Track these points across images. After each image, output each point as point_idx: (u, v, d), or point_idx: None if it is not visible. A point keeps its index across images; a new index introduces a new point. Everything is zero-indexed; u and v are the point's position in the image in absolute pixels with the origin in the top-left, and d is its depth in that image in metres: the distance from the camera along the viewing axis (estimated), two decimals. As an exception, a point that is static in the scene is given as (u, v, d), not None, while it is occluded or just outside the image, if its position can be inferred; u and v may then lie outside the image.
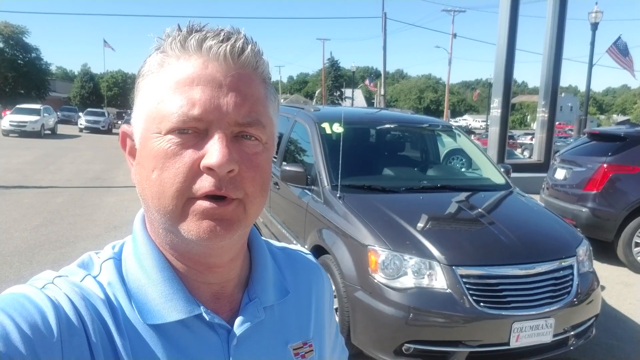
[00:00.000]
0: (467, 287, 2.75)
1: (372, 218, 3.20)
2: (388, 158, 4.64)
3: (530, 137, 24.80)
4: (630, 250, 5.59)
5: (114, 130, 31.97)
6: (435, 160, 5.25)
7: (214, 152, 0.52)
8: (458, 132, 5.01)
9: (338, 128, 4.09)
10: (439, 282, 2.79)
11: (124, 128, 0.62)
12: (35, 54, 44.12)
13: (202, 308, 0.60)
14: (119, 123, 34.81)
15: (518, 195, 3.99)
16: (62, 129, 28.66)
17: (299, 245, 0.89)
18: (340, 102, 63.27)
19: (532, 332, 2.74)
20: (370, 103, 60.46)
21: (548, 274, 2.92)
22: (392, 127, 4.87)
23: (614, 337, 3.90)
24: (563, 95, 74.45)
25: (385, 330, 2.78)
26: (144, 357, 0.56)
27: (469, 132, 31.47)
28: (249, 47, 0.57)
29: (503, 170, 4.42)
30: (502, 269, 2.86)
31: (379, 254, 2.90)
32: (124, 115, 36.74)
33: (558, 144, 16.63)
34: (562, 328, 2.89)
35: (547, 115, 11.53)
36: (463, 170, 5.63)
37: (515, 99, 75.08)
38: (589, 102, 18.92)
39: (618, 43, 16.45)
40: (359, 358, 2.95)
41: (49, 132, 25.68)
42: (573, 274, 3.03)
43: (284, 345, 0.68)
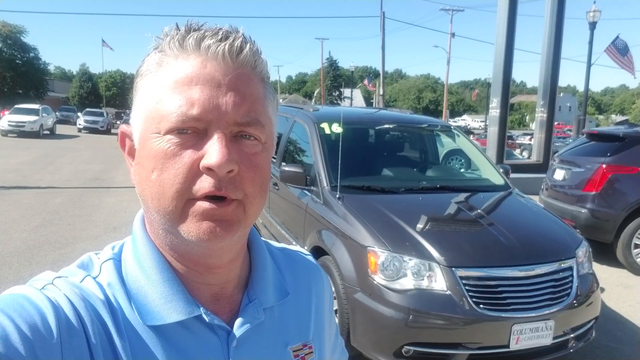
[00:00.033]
0: (466, 288, 2.75)
1: (371, 219, 3.20)
2: (387, 158, 4.64)
3: (529, 137, 24.87)
4: (630, 252, 5.59)
5: (113, 130, 31.96)
6: (435, 161, 5.26)
7: (214, 152, 0.52)
8: (457, 132, 5.01)
9: (337, 128, 4.08)
10: (439, 283, 2.78)
11: (123, 128, 0.62)
12: (34, 54, 44.05)
13: (201, 309, 0.59)
14: (118, 123, 34.79)
15: (517, 196, 3.99)
16: (60, 129, 28.65)
17: (299, 246, 0.89)
18: (339, 102, 63.25)
19: (532, 334, 2.74)
20: (369, 103, 60.50)
21: (547, 276, 2.92)
22: (391, 127, 4.88)
23: (614, 339, 3.90)
24: (562, 95, 74.51)
25: (385, 332, 2.77)
26: (144, 358, 0.55)
27: (468, 132, 31.45)
28: (248, 46, 0.57)
29: (502, 171, 4.42)
30: (501, 271, 2.85)
31: (379, 255, 2.89)
32: (123, 115, 36.71)
33: (557, 144, 16.65)
34: (562, 330, 2.88)
35: (545, 116, 11.54)
36: (462, 171, 5.63)
37: (514, 99, 75.20)
38: (588, 102, 18.92)
39: (616, 42, 16.47)
40: None
41: (48, 132, 25.68)
42: (573, 276, 3.03)
43: (284, 347, 0.68)
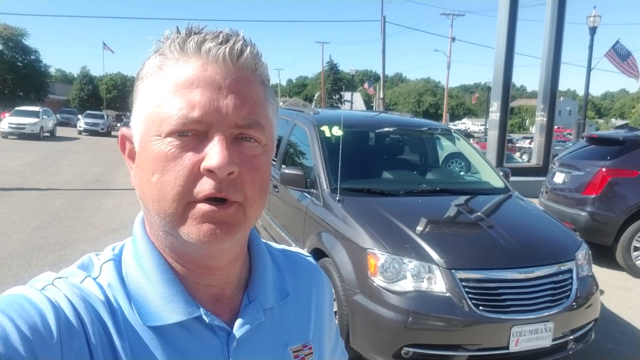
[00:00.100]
0: (466, 290, 2.75)
1: (371, 221, 3.20)
2: (387, 161, 4.64)
3: (529, 140, 24.88)
4: (629, 255, 5.59)
5: (113, 133, 31.98)
6: (435, 164, 5.26)
7: (214, 154, 0.52)
8: (457, 135, 5.01)
9: (337, 131, 4.09)
10: (438, 285, 2.78)
11: (123, 131, 0.62)
12: (35, 56, 44.05)
13: (201, 310, 0.60)
14: (118, 125, 34.83)
15: (517, 199, 3.99)
16: (61, 132, 28.66)
17: (299, 248, 0.89)
18: (340, 105, 63.36)
19: (531, 336, 2.74)
20: (370, 106, 60.53)
21: (547, 278, 2.92)
22: (391, 130, 4.88)
23: (613, 341, 3.89)
24: (562, 99, 74.57)
25: (385, 334, 2.77)
26: (144, 359, 0.55)
27: (468, 135, 31.51)
28: (248, 49, 0.57)
29: (502, 174, 4.42)
30: (501, 273, 2.85)
31: (378, 258, 2.89)
32: (123, 118, 36.72)
33: (557, 148, 16.66)
34: (561, 332, 2.88)
35: (545, 119, 11.54)
36: (462, 174, 5.63)
37: (514, 103, 75.28)
38: (588, 106, 18.93)
39: (616, 47, 16.48)
40: (358, 362, 2.94)
41: (48, 134, 25.68)
42: (572, 278, 3.03)
43: (284, 348, 0.68)
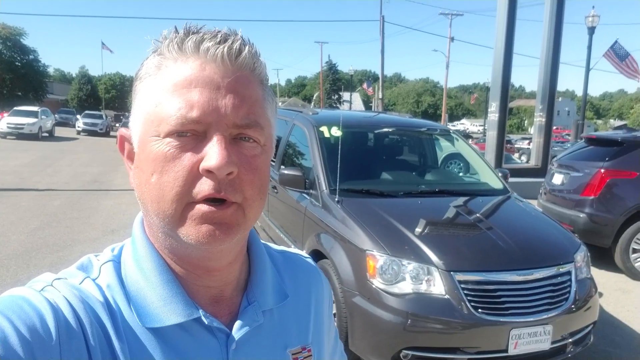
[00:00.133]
0: (465, 292, 2.75)
1: (370, 223, 3.20)
2: (386, 162, 4.64)
3: (528, 141, 24.89)
4: (628, 257, 5.59)
5: (112, 133, 31.96)
6: (433, 165, 5.26)
7: (213, 154, 0.52)
8: (456, 136, 5.01)
9: (336, 132, 4.09)
10: (437, 287, 2.78)
11: (122, 132, 0.62)
12: (33, 56, 44.03)
13: (201, 311, 0.59)
14: (117, 126, 34.80)
15: (516, 200, 3.99)
16: (59, 132, 28.64)
17: (298, 249, 0.89)
18: (339, 105, 63.39)
19: (530, 339, 2.73)
20: (368, 106, 60.54)
21: (546, 280, 2.92)
22: (390, 131, 4.88)
23: (612, 344, 3.89)
24: (560, 100, 74.62)
25: (383, 336, 2.77)
26: None
27: (467, 136, 31.51)
28: (247, 48, 0.57)
29: (501, 175, 4.42)
30: (500, 275, 2.85)
31: (377, 259, 2.89)
32: (122, 118, 36.69)
33: (555, 149, 16.67)
34: (560, 335, 2.88)
35: (544, 120, 11.55)
36: (461, 175, 5.63)
37: (513, 103, 75.29)
38: (586, 106, 18.96)
39: (615, 47, 16.51)
40: (357, 363, 2.94)
41: (47, 134, 25.68)
42: (571, 280, 3.03)
43: (283, 350, 0.68)
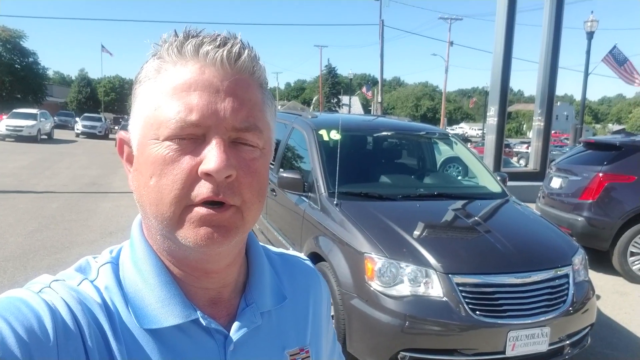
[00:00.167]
0: (463, 295, 2.75)
1: (368, 225, 3.20)
2: (385, 165, 4.65)
3: (526, 145, 24.91)
4: (626, 260, 5.60)
5: (111, 136, 31.91)
6: (432, 168, 5.26)
7: (212, 157, 0.52)
8: (455, 140, 5.02)
9: (335, 135, 4.09)
10: (435, 290, 2.78)
11: (121, 135, 0.62)
12: (33, 59, 44.06)
13: (198, 313, 0.59)
14: (116, 128, 34.77)
15: (514, 204, 4.00)
16: (58, 134, 28.60)
17: (297, 252, 0.89)
18: (338, 109, 63.45)
19: (527, 340, 2.74)
20: (367, 110, 60.64)
21: (544, 283, 2.92)
22: (389, 134, 4.88)
23: (609, 346, 3.90)
24: (559, 104, 74.73)
25: (381, 339, 2.77)
26: None
27: (466, 140, 31.55)
28: (246, 52, 0.57)
29: (499, 179, 4.43)
30: (498, 278, 2.86)
31: (376, 262, 2.89)
32: (121, 121, 36.66)
33: (554, 153, 16.70)
34: (557, 337, 2.89)
35: (543, 124, 11.58)
36: (459, 178, 5.64)
37: (512, 108, 75.35)
38: (585, 111, 19.01)
39: (614, 52, 16.55)
40: (355, 366, 2.93)
41: (46, 136, 25.63)
42: (569, 283, 3.04)
43: (281, 351, 0.68)
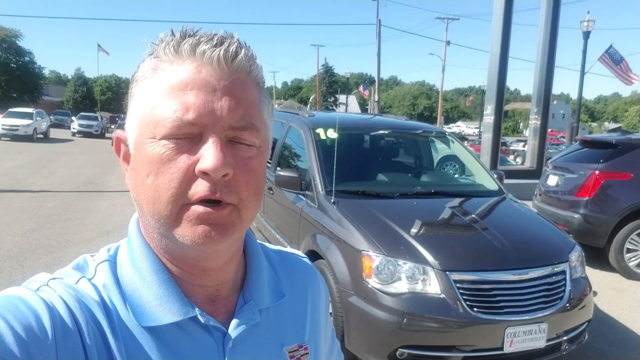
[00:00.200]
0: (460, 292, 2.76)
1: (366, 223, 3.21)
2: (382, 164, 4.65)
3: (523, 144, 24.94)
4: (622, 256, 5.63)
5: (107, 135, 31.86)
6: (429, 166, 5.27)
7: (209, 156, 0.52)
8: (451, 138, 5.03)
9: (333, 134, 4.09)
10: (433, 287, 2.79)
11: (118, 133, 0.62)
12: (29, 58, 43.89)
13: (197, 310, 0.59)
14: (112, 127, 34.71)
15: (511, 201, 4.01)
16: (54, 133, 28.50)
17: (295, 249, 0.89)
18: (335, 108, 63.48)
19: (525, 337, 2.75)
20: (364, 109, 60.65)
21: (541, 280, 2.94)
22: (386, 133, 4.89)
23: (606, 342, 3.92)
24: (555, 103, 75.00)
25: (379, 335, 2.77)
26: (139, 359, 0.55)
27: (462, 138, 31.62)
28: (243, 51, 0.57)
29: (496, 177, 4.44)
30: (495, 274, 2.87)
31: (373, 259, 2.90)
32: (117, 120, 36.61)
33: (550, 151, 16.75)
34: (555, 333, 2.90)
35: (539, 123, 11.61)
36: (456, 177, 5.65)
37: (508, 106, 75.57)
38: (581, 109, 19.08)
39: (610, 51, 16.61)
40: (353, 363, 2.94)
41: (42, 136, 25.54)
42: (566, 280, 3.05)
43: (280, 348, 0.68)
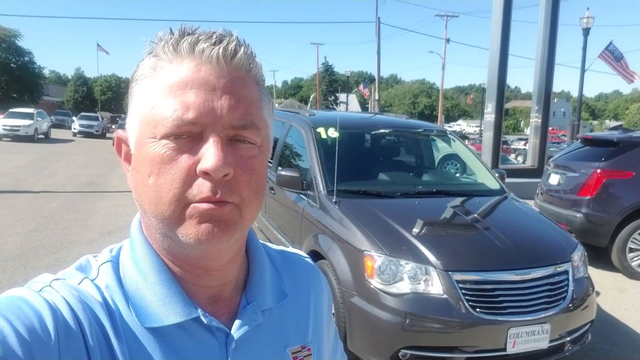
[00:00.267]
0: (463, 292, 2.75)
1: (368, 223, 3.20)
2: (383, 163, 4.65)
3: (524, 142, 24.94)
4: (625, 256, 5.61)
5: (108, 135, 31.89)
6: (430, 165, 5.26)
7: (209, 156, 0.52)
8: (452, 137, 5.02)
9: (333, 133, 4.09)
10: (435, 287, 2.79)
11: (119, 133, 0.62)
12: (29, 58, 43.97)
13: (199, 311, 0.59)
14: (113, 127, 34.75)
15: (513, 201, 4.01)
16: (55, 133, 28.54)
17: (297, 249, 0.89)
18: (335, 106, 63.49)
19: (528, 337, 2.74)
20: (365, 108, 60.66)
21: (543, 280, 2.93)
22: (387, 132, 4.88)
23: (609, 342, 3.91)
24: (556, 101, 74.89)
25: (382, 336, 2.77)
26: None
27: (463, 137, 31.58)
28: (242, 49, 0.57)
29: (497, 176, 4.43)
30: (497, 275, 2.86)
31: (375, 260, 2.89)
32: (118, 120, 36.66)
33: (551, 149, 16.74)
34: (558, 334, 2.89)
35: (540, 121, 11.60)
36: (458, 176, 5.65)
37: (509, 104, 75.50)
38: (582, 107, 19.07)
39: (610, 48, 16.59)
40: (355, 363, 2.94)
41: (43, 136, 25.58)
42: (568, 280, 3.04)
43: (283, 349, 0.68)
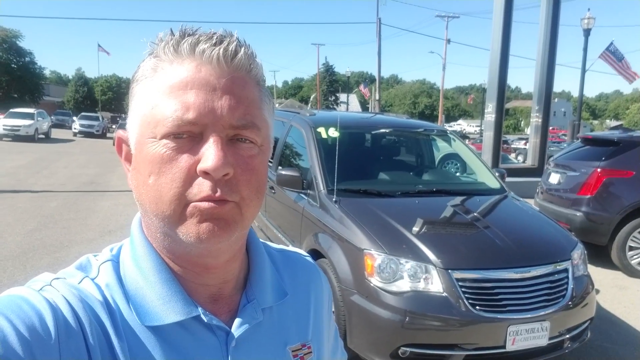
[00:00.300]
0: (462, 290, 2.76)
1: (368, 222, 3.21)
2: (384, 162, 4.65)
3: (524, 141, 24.92)
4: (624, 254, 5.62)
5: (108, 135, 31.90)
6: (431, 165, 5.27)
7: (210, 155, 0.52)
8: (453, 136, 5.03)
9: (334, 132, 4.09)
10: (435, 285, 2.79)
11: (119, 133, 0.62)
12: (29, 58, 44.01)
13: (200, 309, 0.59)
14: (113, 127, 34.76)
15: (513, 200, 4.01)
16: (56, 133, 28.56)
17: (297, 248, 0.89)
18: (335, 106, 63.47)
19: (527, 335, 2.75)
20: (365, 108, 60.62)
21: (543, 278, 2.94)
22: (387, 131, 4.88)
23: (609, 340, 3.92)
24: (556, 101, 74.79)
25: (382, 334, 2.78)
26: (142, 359, 0.55)
27: (464, 136, 31.55)
28: (242, 49, 0.57)
29: (498, 175, 4.44)
30: (497, 273, 2.87)
31: (375, 258, 2.90)
32: (118, 120, 36.66)
33: (552, 149, 16.72)
34: (557, 331, 2.90)
35: (540, 120, 11.60)
36: (458, 175, 5.65)
37: (509, 104, 75.31)
38: (582, 107, 19.05)
39: (611, 48, 16.59)
40: (355, 362, 2.94)
41: (43, 136, 25.60)
42: (568, 278, 3.05)
43: (283, 347, 0.68)
